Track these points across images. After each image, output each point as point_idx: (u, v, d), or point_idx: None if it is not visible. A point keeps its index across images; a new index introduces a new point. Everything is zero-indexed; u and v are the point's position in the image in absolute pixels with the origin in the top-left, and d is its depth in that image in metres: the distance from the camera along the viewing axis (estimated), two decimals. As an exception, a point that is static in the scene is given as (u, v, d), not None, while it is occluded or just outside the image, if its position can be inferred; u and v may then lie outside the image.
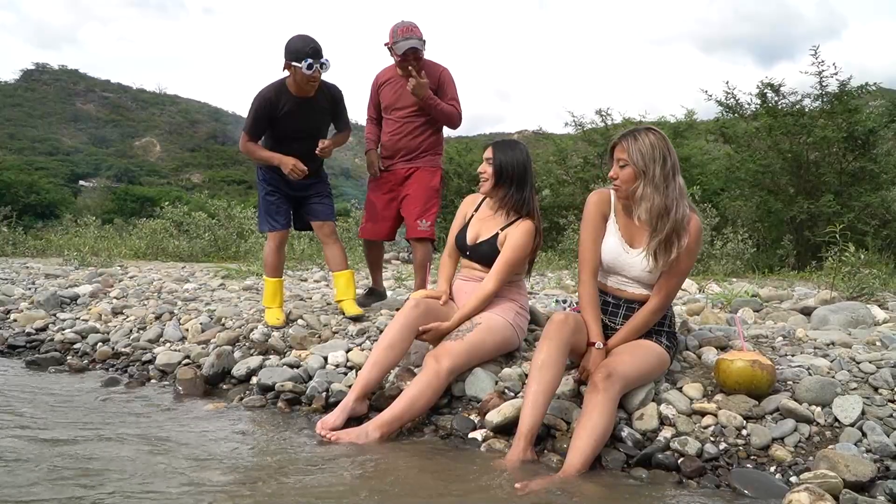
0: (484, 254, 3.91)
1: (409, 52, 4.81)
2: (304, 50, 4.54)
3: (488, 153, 3.92)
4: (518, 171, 3.86)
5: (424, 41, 4.90)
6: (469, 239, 3.98)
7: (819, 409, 3.07)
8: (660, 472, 2.92)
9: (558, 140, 20.89)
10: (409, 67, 4.90)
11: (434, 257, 5.26)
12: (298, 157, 4.84)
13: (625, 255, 3.33)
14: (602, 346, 3.29)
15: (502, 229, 3.88)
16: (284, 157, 4.79)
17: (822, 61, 12.40)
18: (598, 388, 2.99)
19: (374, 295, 5.42)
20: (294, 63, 4.54)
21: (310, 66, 4.52)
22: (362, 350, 4.32)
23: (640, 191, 3.15)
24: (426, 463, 3.04)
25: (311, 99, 4.77)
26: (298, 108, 4.76)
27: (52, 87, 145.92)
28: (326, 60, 4.62)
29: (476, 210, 4.07)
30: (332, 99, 4.91)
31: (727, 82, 14.36)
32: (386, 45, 4.96)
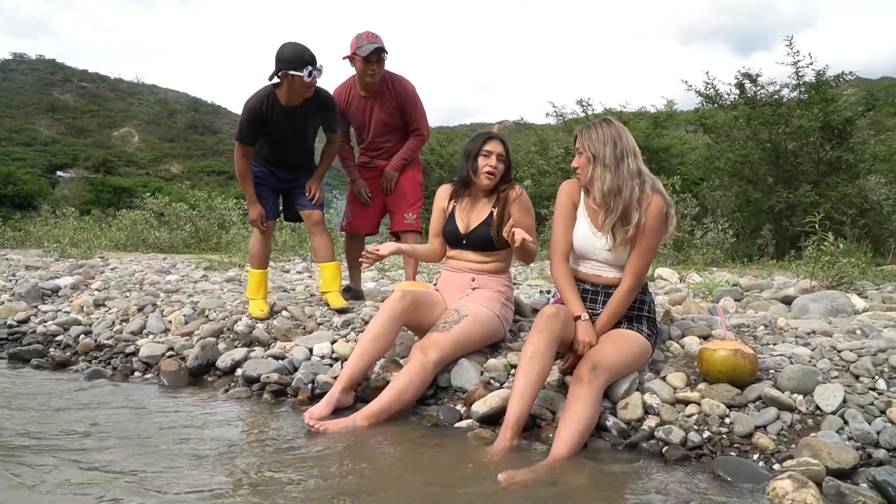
0: (482, 237, 3.92)
1: (372, 55, 4.80)
2: (303, 57, 4.49)
3: None
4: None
5: (387, 52, 4.90)
6: (462, 228, 3.99)
7: (801, 397, 3.11)
8: (644, 461, 2.94)
9: (539, 130, 20.95)
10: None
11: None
12: (288, 158, 4.96)
13: (593, 238, 3.42)
14: (587, 317, 3.35)
15: (494, 207, 3.91)
16: (256, 206, 4.95)
17: (798, 51, 12.48)
18: (583, 379, 3.02)
19: (350, 293, 5.41)
20: (293, 72, 4.48)
21: (309, 74, 4.49)
22: (347, 341, 4.33)
23: (592, 172, 3.31)
24: (412, 454, 3.05)
25: (300, 107, 4.72)
26: (287, 116, 4.72)
27: (29, 76, 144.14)
28: (321, 66, 4.60)
29: (454, 201, 4.09)
30: (322, 105, 4.84)
31: (707, 73, 14.43)
32: (346, 57, 4.92)
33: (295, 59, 4.49)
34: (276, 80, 4.61)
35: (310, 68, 4.48)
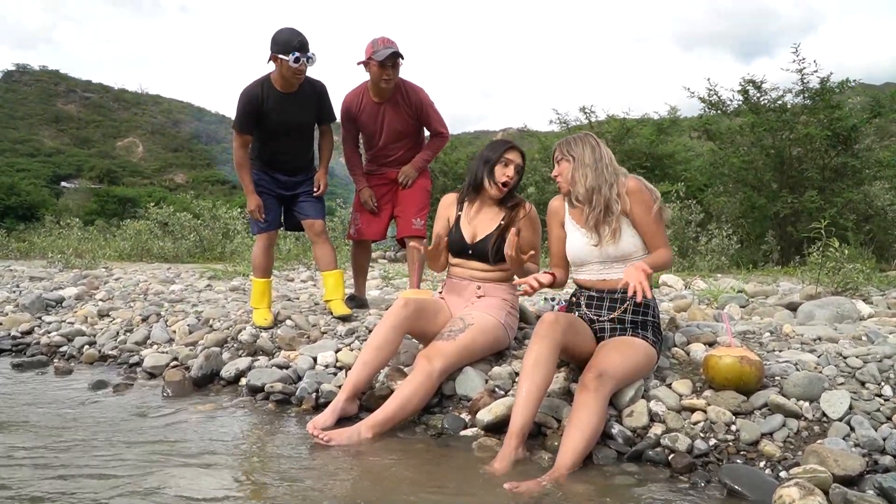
0: (488, 250, 3.92)
1: (388, 60, 4.75)
2: (291, 42, 4.55)
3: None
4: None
5: (403, 56, 4.87)
6: (468, 238, 3.98)
7: (807, 404, 3.09)
8: (650, 469, 2.94)
9: (543, 138, 20.94)
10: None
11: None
12: (287, 157, 4.95)
13: (584, 239, 3.53)
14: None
15: (503, 221, 3.94)
16: (254, 196, 4.92)
17: (803, 59, 12.46)
18: (589, 387, 3.00)
19: (354, 301, 5.40)
20: (281, 56, 4.55)
21: (297, 60, 4.54)
22: (351, 350, 4.32)
23: (574, 173, 3.49)
24: (418, 463, 3.04)
25: (296, 94, 4.78)
26: (283, 102, 4.77)
27: (33, 87, 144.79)
28: (313, 55, 4.64)
29: (460, 210, 4.09)
30: (316, 93, 4.92)
31: (709, 79, 14.43)
32: (361, 62, 4.87)
33: (283, 43, 4.56)
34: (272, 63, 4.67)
35: (296, 54, 4.53)
